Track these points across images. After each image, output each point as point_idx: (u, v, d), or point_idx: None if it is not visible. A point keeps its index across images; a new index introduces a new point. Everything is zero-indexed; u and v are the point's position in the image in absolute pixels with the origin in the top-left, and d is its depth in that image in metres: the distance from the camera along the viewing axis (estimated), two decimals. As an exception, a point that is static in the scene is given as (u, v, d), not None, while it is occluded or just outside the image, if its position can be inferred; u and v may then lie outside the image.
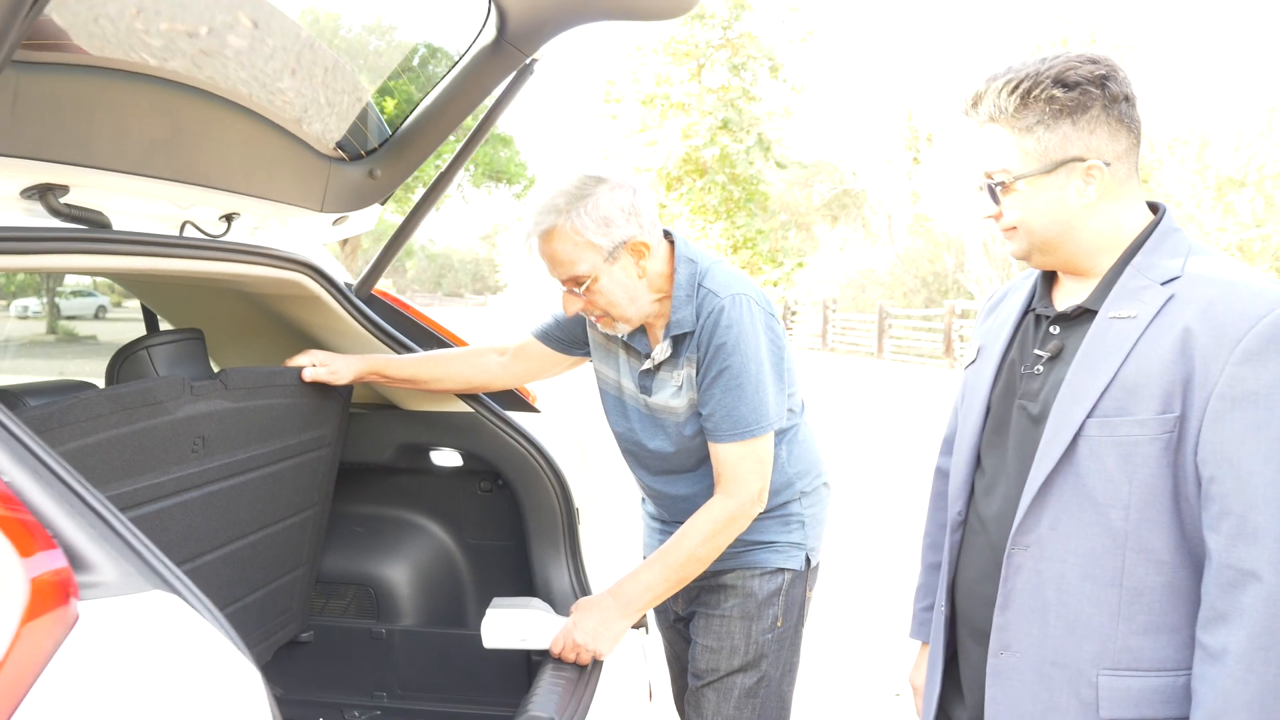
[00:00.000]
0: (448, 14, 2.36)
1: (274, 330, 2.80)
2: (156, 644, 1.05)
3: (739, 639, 2.27)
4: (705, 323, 2.11)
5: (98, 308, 22.71)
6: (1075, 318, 1.56)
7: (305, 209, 2.40)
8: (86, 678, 0.99)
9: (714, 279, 2.15)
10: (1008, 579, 1.55)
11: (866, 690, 4.23)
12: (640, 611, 2.19)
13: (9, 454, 1.10)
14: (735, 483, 2.13)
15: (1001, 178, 1.53)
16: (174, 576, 1.12)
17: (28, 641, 0.97)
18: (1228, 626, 1.36)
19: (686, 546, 2.13)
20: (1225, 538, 1.37)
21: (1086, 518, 1.47)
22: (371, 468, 2.78)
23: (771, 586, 2.27)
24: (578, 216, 2.05)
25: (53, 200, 1.71)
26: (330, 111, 2.37)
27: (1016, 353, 1.65)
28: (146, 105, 1.79)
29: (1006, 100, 1.50)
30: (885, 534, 6.84)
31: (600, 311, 2.16)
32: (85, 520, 1.09)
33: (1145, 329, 1.43)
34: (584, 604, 2.23)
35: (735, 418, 2.10)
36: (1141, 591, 1.45)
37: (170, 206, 2.08)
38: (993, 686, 1.58)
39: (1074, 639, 1.49)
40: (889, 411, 13.73)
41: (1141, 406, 1.42)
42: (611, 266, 2.09)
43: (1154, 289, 1.46)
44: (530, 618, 2.25)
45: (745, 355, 2.08)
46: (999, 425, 1.65)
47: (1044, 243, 1.55)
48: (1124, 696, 1.47)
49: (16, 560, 0.99)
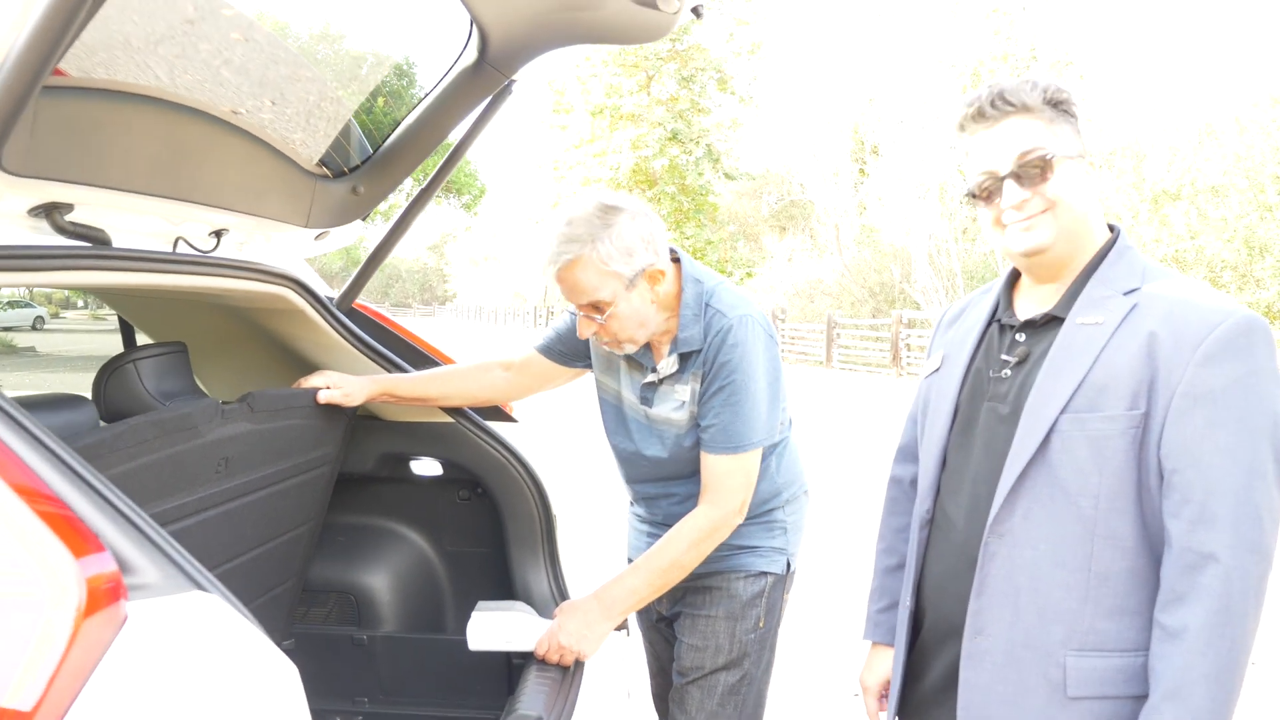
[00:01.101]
0: (430, 35, 2.44)
1: (253, 343, 2.85)
2: (200, 640, 1.12)
3: (724, 638, 2.35)
4: (713, 340, 2.20)
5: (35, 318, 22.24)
6: (1042, 325, 1.68)
7: (290, 225, 2.46)
8: (138, 672, 1.06)
9: (720, 299, 2.25)
10: (983, 566, 1.63)
11: (826, 690, 4.34)
12: (624, 614, 2.27)
13: (55, 473, 1.16)
14: (720, 493, 2.22)
15: (1045, 155, 1.60)
16: (207, 580, 1.19)
17: (84, 638, 1.04)
18: (1186, 606, 1.46)
19: (671, 553, 2.22)
20: (1186, 523, 1.48)
21: (1058, 507, 1.57)
22: (353, 477, 2.83)
23: (755, 589, 2.37)
24: (603, 246, 2.11)
25: (58, 218, 1.76)
26: (315, 129, 2.43)
27: (982, 359, 1.77)
28: (150, 126, 1.85)
29: (1033, 93, 1.61)
30: (839, 539, 6.98)
31: (611, 336, 2.23)
32: (127, 528, 1.16)
33: (1112, 334, 1.56)
34: (567, 607, 2.30)
35: (730, 432, 2.20)
36: (1107, 576, 1.55)
37: (163, 223, 2.12)
38: (967, 669, 1.66)
39: (1044, 623, 1.59)
40: (840, 420, 13.94)
41: (1110, 404, 1.53)
42: (630, 293, 2.16)
43: (1117, 298, 1.59)
44: (515, 620, 2.31)
45: (747, 374, 2.19)
46: (966, 427, 1.75)
47: (1070, 226, 1.63)
48: (1090, 676, 1.56)
49: (71, 561, 1.06)
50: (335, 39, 2.45)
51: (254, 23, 2.11)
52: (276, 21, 2.22)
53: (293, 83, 2.30)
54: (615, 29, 2.29)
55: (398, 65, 2.56)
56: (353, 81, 2.55)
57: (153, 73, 1.82)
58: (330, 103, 2.44)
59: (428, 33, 2.44)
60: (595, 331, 2.23)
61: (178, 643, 1.10)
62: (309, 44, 2.37)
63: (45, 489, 1.14)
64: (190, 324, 2.86)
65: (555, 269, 2.15)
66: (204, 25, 1.97)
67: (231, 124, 2.11)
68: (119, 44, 1.70)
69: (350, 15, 2.37)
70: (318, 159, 2.48)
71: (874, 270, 26.76)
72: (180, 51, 1.91)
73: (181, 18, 1.88)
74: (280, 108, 2.30)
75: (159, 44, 1.81)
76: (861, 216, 28.05)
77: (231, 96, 2.11)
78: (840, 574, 6.08)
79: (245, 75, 2.13)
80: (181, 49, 1.91)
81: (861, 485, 8.94)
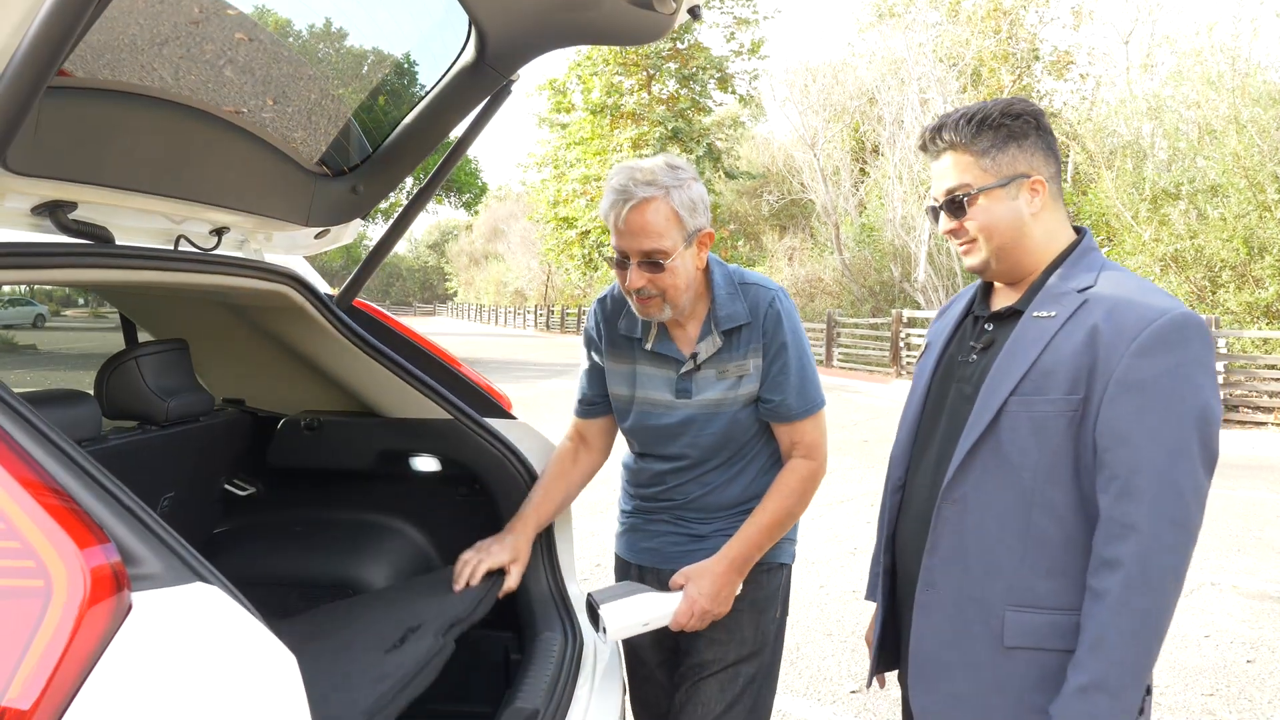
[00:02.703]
0: (429, 35, 2.46)
1: (254, 340, 2.87)
2: (202, 630, 1.15)
3: (748, 630, 2.37)
4: (767, 313, 2.29)
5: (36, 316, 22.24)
6: (1006, 317, 1.87)
7: (291, 223, 2.48)
8: (141, 661, 1.08)
9: (749, 276, 2.34)
10: (936, 528, 1.82)
11: (824, 683, 4.36)
12: (749, 567, 2.31)
13: (59, 465, 1.19)
14: (814, 448, 2.34)
15: (964, 192, 1.82)
16: (209, 571, 1.22)
17: (88, 627, 1.06)
18: (1110, 570, 1.63)
19: (786, 505, 2.30)
20: (1112, 497, 1.64)
21: (1002, 477, 1.75)
22: (353, 474, 2.85)
23: (776, 581, 2.42)
24: (679, 193, 2.17)
25: (61, 216, 1.79)
26: (315, 129, 2.46)
27: (956, 346, 1.97)
28: (152, 126, 1.87)
29: (964, 129, 1.81)
30: (832, 535, 7.01)
31: (659, 291, 2.22)
32: (130, 520, 1.18)
33: (1061, 326, 1.73)
34: (693, 574, 2.28)
35: (804, 395, 2.31)
36: (1044, 541, 1.73)
37: (165, 221, 2.15)
38: (918, 619, 1.86)
39: (988, 579, 1.77)
40: (843, 419, 13.97)
41: (1053, 388, 1.71)
42: (686, 250, 2.21)
43: (1071, 295, 1.76)
44: (645, 601, 2.26)
45: (799, 340, 2.32)
46: (936, 404, 1.96)
47: (1000, 249, 1.83)
48: (1025, 629, 1.74)
49: (75, 551, 1.08)
50: (336, 38, 2.47)
51: (256, 23, 2.13)
52: (277, 19, 2.25)
53: (293, 82, 2.32)
54: (613, 30, 2.31)
55: (397, 64, 2.59)
56: (353, 81, 2.57)
57: (155, 73, 1.84)
58: (330, 102, 2.46)
59: (427, 32, 2.46)
60: (645, 284, 2.21)
61: (180, 633, 1.12)
62: (309, 43, 2.39)
63: (50, 481, 1.17)
64: (191, 321, 2.88)
65: (629, 207, 2.16)
66: (207, 26, 2.00)
67: (232, 123, 2.14)
68: (123, 45, 1.72)
69: (350, 15, 2.39)
70: (318, 158, 2.50)
71: (874, 269, 26.77)
72: (183, 52, 1.93)
73: (186, 18, 1.90)
74: (281, 106, 2.32)
75: (162, 45, 1.84)
76: (861, 215, 28.05)
77: (233, 96, 2.14)
78: (840, 574, 6.11)
79: (248, 75, 2.15)
80: (185, 49, 1.94)
81: (866, 484, 8.96)
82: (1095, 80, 26.22)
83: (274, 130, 2.29)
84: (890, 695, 4.23)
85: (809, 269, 29.56)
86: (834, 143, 29.39)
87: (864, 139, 29.26)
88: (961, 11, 26.56)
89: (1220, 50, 18.22)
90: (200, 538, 2.89)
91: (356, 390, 2.82)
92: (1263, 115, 16.54)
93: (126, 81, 1.76)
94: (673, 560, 2.40)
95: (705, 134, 32.15)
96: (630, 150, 30.92)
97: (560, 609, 2.57)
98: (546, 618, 2.53)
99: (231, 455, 2.94)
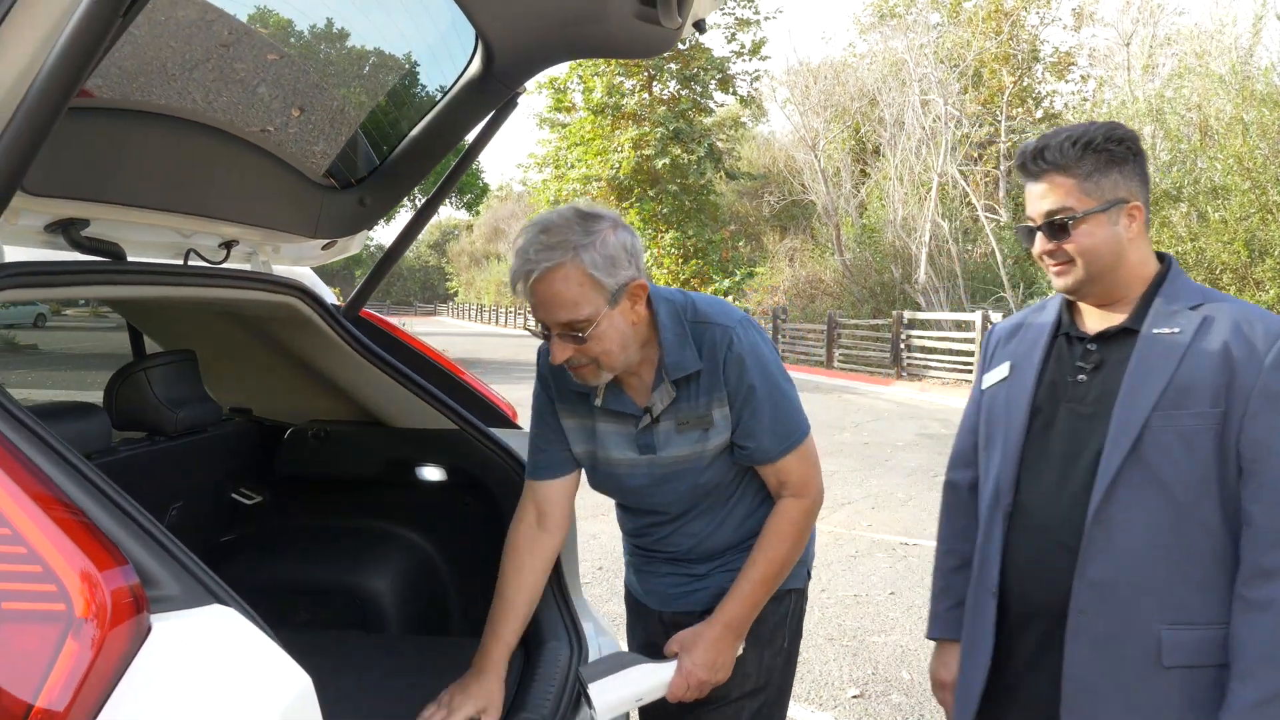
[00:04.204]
0: (436, 49, 2.47)
1: (262, 351, 2.89)
2: (220, 653, 1.16)
3: (750, 666, 2.16)
4: (727, 358, 2.03)
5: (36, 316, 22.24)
6: (1113, 336, 1.88)
7: (299, 235, 2.50)
8: (161, 683, 1.10)
9: (701, 312, 2.07)
10: (1085, 550, 1.80)
11: (825, 687, 4.38)
12: (747, 627, 2.12)
13: (76, 486, 1.20)
14: (803, 485, 2.11)
15: (1067, 216, 1.83)
16: (227, 593, 1.23)
17: (109, 650, 1.08)
18: (1269, 579, 1.68)
19: (781, 553, 2.09)
20: (1267, 506, 1.70)
21: (1152, 494, 1.76)
22: (359, 482, 2.87)
23: (780, 611, 2.21)
24: (589, 254, 1.89)
25: (74, 234, 1.81)
26: (323, 141, 2.48)
27: (1055, 367, 1.96)
28: (161, 142, 1.89)
29: (1069, 152, 1.82)
30: (834, 538, 7.02)
31: (589, 360, 1.98)
32: (148, 542, 1.20)
33: (1190, 342, 1.77)
34: (685, 641, 2.09)
35: (782, 432, 2.07)
36: (1195, 555, 1.75)
37: (175, 235, 2.17)
38: (1071, 647, 1.82)
39: (1138, 599, 1.76)
40: (845, 420, 13.98)
41: (1195, 402, 1.74)
42: (614, 310, 1.94)
43: (1185, 312, 1.81)
44: (637, 675, 2.11)
45: (767, 372, 2.07)
46: (1045, 426, 1.93)
47: (1098, 273, 1.85)
48: (1183, 647, 1.75)
49: (95, 574, 1.10)
50: (343, 49, 2.49)
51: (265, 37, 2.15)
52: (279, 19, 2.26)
53: (304, 96, 2.34)
54: (618, 44, 2.33)
55: (404, 77, 2.60)
56: (360, 93, 2.59)
57: (166, 91, 1.86)
58: (338, 115, 2.48)
59: (434, 46, 2.47)
60: (571, 355, 1.96)
61: (198, 656, 1.14)
62: (318, 56, 2.41)
63: (68, 502, 1.18)
64: (199, 332, 2.90)
65: (533, 280, 1.89)
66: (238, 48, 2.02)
67: (240, 138, 2.15)
68: (136, 65, 1.74)
69: (358, 27, 2.41)
70: (325, 170, 2.52)
71: (874, 270, 26.76)
72: (216, 74, 1.95)
73: (217, 41, 1.92)
74: (291, 120, 2.34)
75: (192, 69, 1.86)
76: (862, 218, 28.05)
77: (242, 110, 2.16)
78: (841, 578, 6.12)
79: (257, 89, 2.17)
80: (218, 71, 1.96)
81: (857, 486, 8.98)
82: (1096, 81, 26.21)
83: (282, 143, 2.31)
84: (890, 699, 4.25)
85: (810, 270, 29.51)
86: (835, 143, 29.37)
87: (865, 140, 29.23)
88: (963, 13, 26.56)
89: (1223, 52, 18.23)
90: (207, 546, 2.91)
91: (363, 400, 2.84)
92: (1266, 116, 16.54)
93: (136, 100, 1.78)
94: (674, 602, 2.24)
95: (706, 135, 32.12)
96: (631, 151, 30.93)
97: (564, 618, 2.58)
98: (551, 627, 2.54)
99: (239, 464, 2.96)
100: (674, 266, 32.37)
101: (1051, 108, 27.16)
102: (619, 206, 32.25)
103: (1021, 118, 25.99)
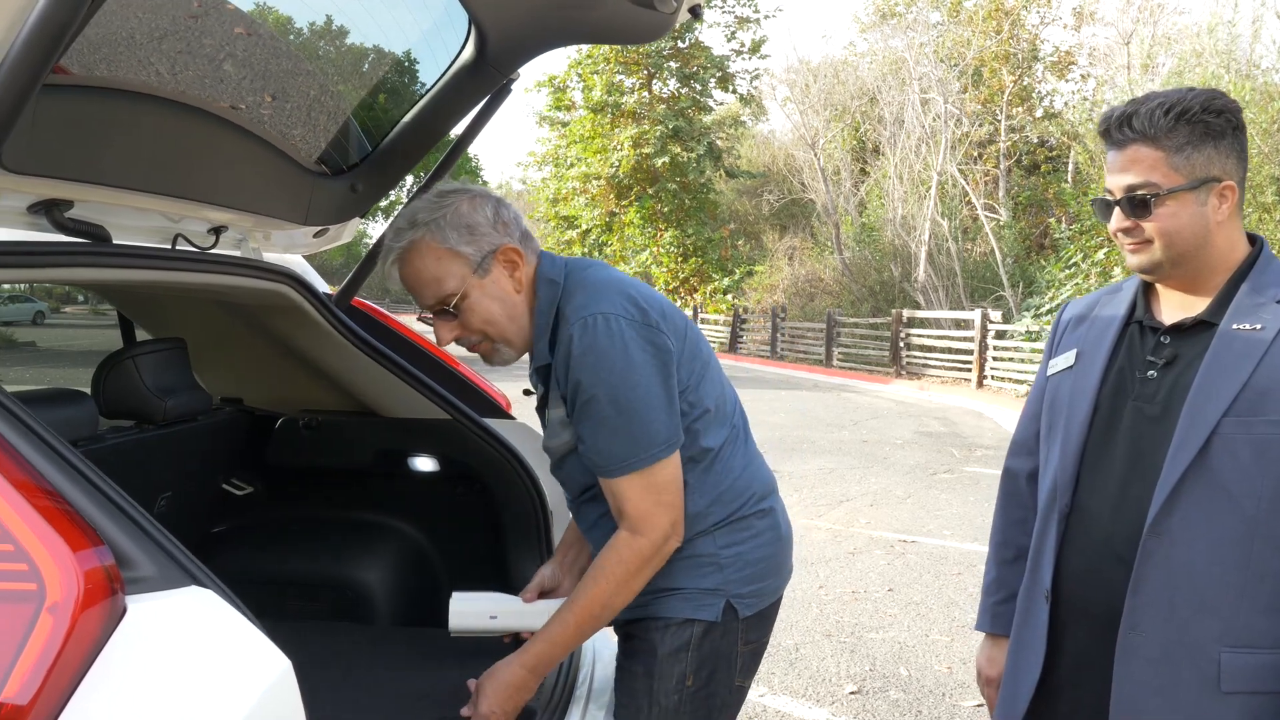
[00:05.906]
0: (429, 34, 2.45)
1: (252, 339, 2.86)
2: (197, 634, 1.14)
3: (642, 698, 1.95)
4: (559, 354, 1.87)
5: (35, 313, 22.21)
6: (1189, 329, 1.70)
7: (289, 222, 2.47)
8: (136, 665, 1.07)
9: (571, 300, 1.88)
10: (1140, 564, 1.64)
11: (823, 683, 4.36)
12: (550, 668, 1.95)
13: (53, 468, 1.18)
14: (640, 519, 1.84)
15: (1150, 193, 1.65)
16: (204, 574, 1.21)
17: (81, 631, 1.05)
18: None
19: (598, 594, 1.86)
20: None
21: (1218, 507, 1.60)
22: (350, 473, 2.84)
23: (678, 641, 1.92)
24: (437, 227, 1.85)
25: (58, 215, 1.78)
26: (314, 127, 2.45)
27: (1125, 359, 1.78)
28: (150, 124, 1.86)
29: (1160, 121, 1.63)
30: (832, 535, 7.00)
31: (478, 335, 1.91)
32: (124, 523, 1.17)
33: (1273, 339, 1.59)
34: (488, 672, 1.96)
35: (610, 453, 1.83)
36: (1264, 575, 1.58)
37: (163, 220, 2.14)
38: (1120, 664, 1.68)
39: (1198, 619, 1.61)
40: (840, 418, 13.96)
41: (1273, 408, 1.57)
42: (483, 279, 1.87)
43: (1271, 306, 1.62)
44: (496, 598, 2.18)
45: (611, 382, 1.80)
46: (1109, 424, 1.77)
47: (1180, 255, 1.67)
48: (1244, 672, 1.59)
49: (68, 554, 1.07)
50: (336, 35, 2.46)
51: (255, 20, 2.12)
52: (278, 16, 2.24)
53: (292, 78, 2.32)
54: (613, 29, 2.31)
55: (397, 62, 2.58)
56: (352, 79, 2.56)
57: (153, 69, 1.83)
58: (329, 100, 2.45)
59: (427, 31, 2.45)
60: (459, 335, 1.91)
61: (174, 637, 1.12)
62: (310, 40, 2.39)
63: (43, 483, 1.16)
64: (189, 320, 2.88)
65: (390, 264, 1.88)
66: (206, 20, 1.99)
67: (231, 121, 2.13)
68: (120, 40, 1.71)
69: (350, 13, 2.38)
70: (316, 156, 2.50)
71: (873, 269, 26.72)
72: (182, 48, 1.92)
73: (184, 13, 1.89)
74: (280, 103, 2.31)
75: (160, 40, 1.83)
76: (862, 216, 28.02)
77: (231, 93, 2.13)
78: (839, 575, 6.10)
79: (246, 70, 2.14)
80: (185, 45, 1.93)
81: (856, 484, 8.96)
82: (1096, 80, 26.18)
83: (272, 128, 2.28)
84: (888, 695, 4.22)
85: (809, 268, 29.48)
86: (834, 142, 29.36)
87: (864, 139, 29.21)
88: (963, 11, 26.52)
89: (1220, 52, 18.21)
90: (197, 537, 2.89)
91: (355, 390, 2.81)
92: (1263, 115, 16.53)
93: (124, 79, 1.75)
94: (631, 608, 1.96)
95: (706, 133, 32.10)
96: (630, 149, 30.91)
97: None
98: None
99: (229, 454, 2.94)
100: (673, 265, 32.39)
101: (1051, 106, 27.12)
102: (619, 205, 32.28)
103: (1021, 117, 25.96)
